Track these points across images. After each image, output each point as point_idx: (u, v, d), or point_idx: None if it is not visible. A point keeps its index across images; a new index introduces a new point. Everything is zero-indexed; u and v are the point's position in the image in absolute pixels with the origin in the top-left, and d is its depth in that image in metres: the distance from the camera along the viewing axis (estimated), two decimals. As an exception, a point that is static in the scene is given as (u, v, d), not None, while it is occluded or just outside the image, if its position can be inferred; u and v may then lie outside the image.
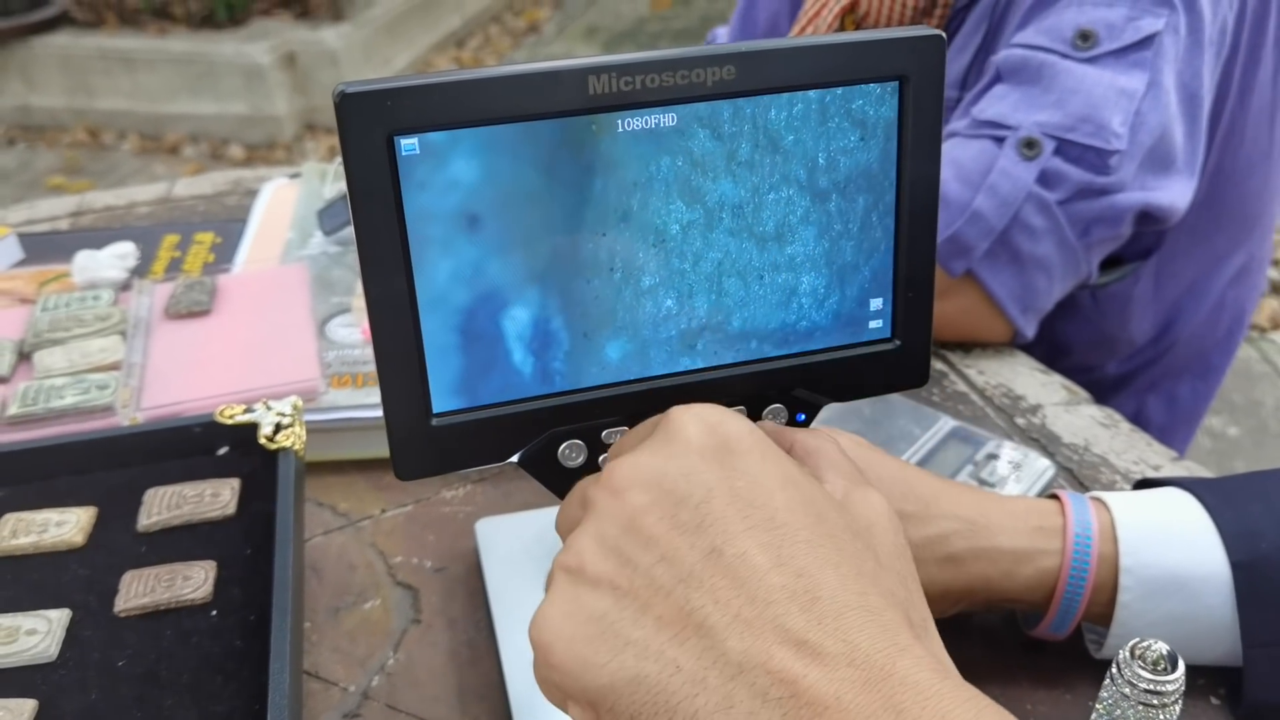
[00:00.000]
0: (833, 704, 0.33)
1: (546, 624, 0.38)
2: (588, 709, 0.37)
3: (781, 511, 0.37)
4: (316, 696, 0.62)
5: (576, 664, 0.36)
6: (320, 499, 0.78)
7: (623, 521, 0.38)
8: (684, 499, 0.37)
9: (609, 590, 0.37)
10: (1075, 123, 0.86)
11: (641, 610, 0.36)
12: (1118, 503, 0.60)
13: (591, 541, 0.38)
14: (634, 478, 0.39)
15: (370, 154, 0.40)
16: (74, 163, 4.07)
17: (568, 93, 0.41)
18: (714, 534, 0.36)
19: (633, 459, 0.39)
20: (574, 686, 0.37)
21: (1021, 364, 0.92)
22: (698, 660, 0.35)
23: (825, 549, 0.37)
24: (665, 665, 0.35)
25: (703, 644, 0.35)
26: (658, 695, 0.35)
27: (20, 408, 0.76)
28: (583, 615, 0.37)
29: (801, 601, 0.35)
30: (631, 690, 0.35)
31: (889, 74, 0.44)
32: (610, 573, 0.37)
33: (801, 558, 0.36)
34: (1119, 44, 0.86)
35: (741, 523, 0.37)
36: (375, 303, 0.42)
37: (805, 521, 0.37)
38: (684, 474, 0.38)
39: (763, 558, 0.36)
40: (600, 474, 0.41)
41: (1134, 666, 0.50)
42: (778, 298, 0.46)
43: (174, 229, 1.12)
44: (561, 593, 0.38)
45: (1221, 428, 2.47)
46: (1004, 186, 0.86)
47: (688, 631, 0.35)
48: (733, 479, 0.38)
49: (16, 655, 0.56)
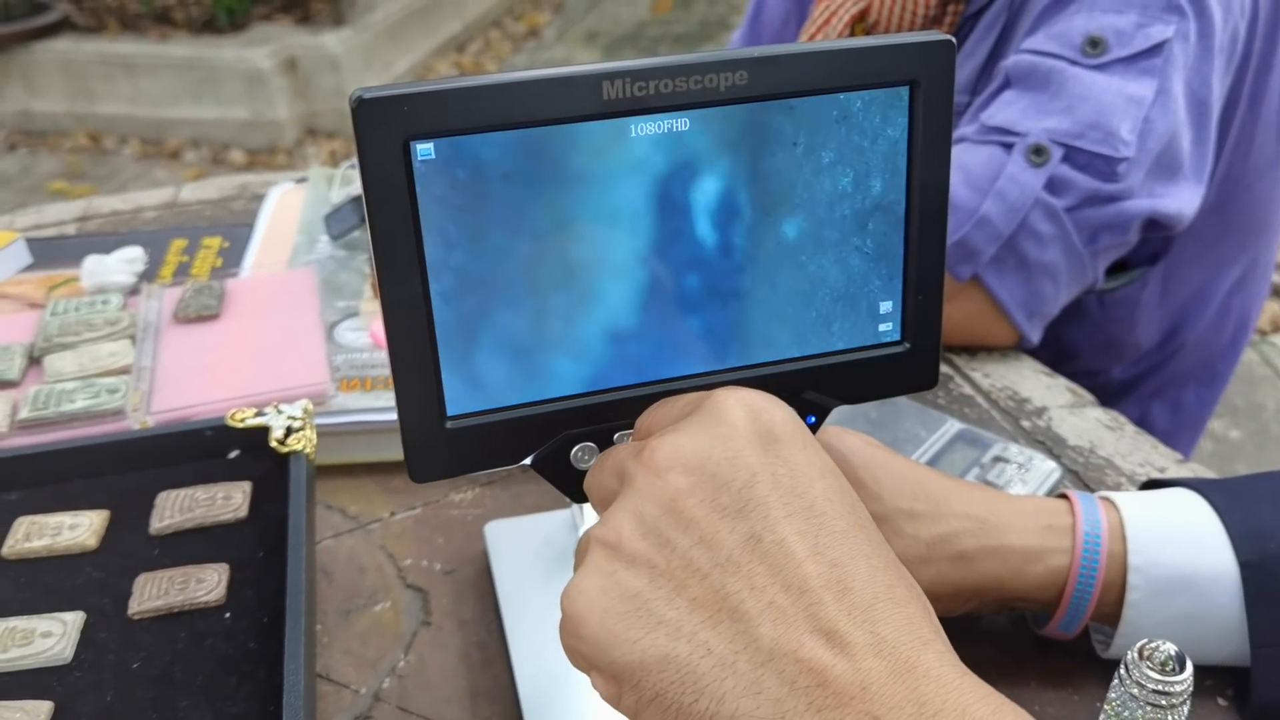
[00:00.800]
0: (858, 694, 0.33)
1: (580, 596, 0.38)
2: (611, 682, 0.38)
3: (820, 501, 0.38)
4: (328, 699, 0.63)
5: (608, 638, 0.37)
6: (330, 502, 0.78)
7: (663, 502, 0.38)
8: (726, 483, 0.38)
9: (645, 569, 0.37)
10: (1084, 129, 0.86)
11: (676, 591, 0.37)
12: (1126, 502, 0.61)
13: (630, 518, 0.39)
14: (676, 458, 0.39)
15: (386, 159, 0.40)
16: (75, 168, 4.07)
17: (582, 98, 0.41)
18: (754, 520, 0.37)
19: (675, 439, 0.39)
20: (602, 659, 0.37)
21: (1027, 367, 0.92)
22: (729, 644, 0.35)
23: (858, 539, 0.37)
24: (696, 647, 0.36)
25: (735, 629, 0.35)
26: (686, 675, 0.35)
27: (31, 412, 0.76)
28: (617, 591, 0.37)
29: (835, 591, 0.35)
30: (660, 669, 0.36)
31: (900, 79, 0.45)
32: (647, 552, 0.38)
33: (836, 548, 0.37)
34: (1128, 51, 0.86)
35: (782, 509, 0.37)
36: (390, 306, 0.42)
37: (840, 511, 0.38)
38: (727, 458, 0.38)
39: (800, 546, 0.36)
40: (640, 448, 0.41)
41: (1142, 667, 0.50)
42: (789, 300, 0.47)
43: (181, 233, 1.12)
44: (597, 566, 0.38)
45: (1223, 431, 2.47)
46: (1012, 192, 0.86)
47: (721, 615, 0.36)
48: (774, 466, 0.38)
49: (32, 657, 0.56)
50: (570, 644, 0.39)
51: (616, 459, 0.43)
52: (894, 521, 0.59)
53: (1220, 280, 1.07)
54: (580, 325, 0.45)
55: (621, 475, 0.41)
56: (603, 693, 0.38)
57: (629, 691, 0.37)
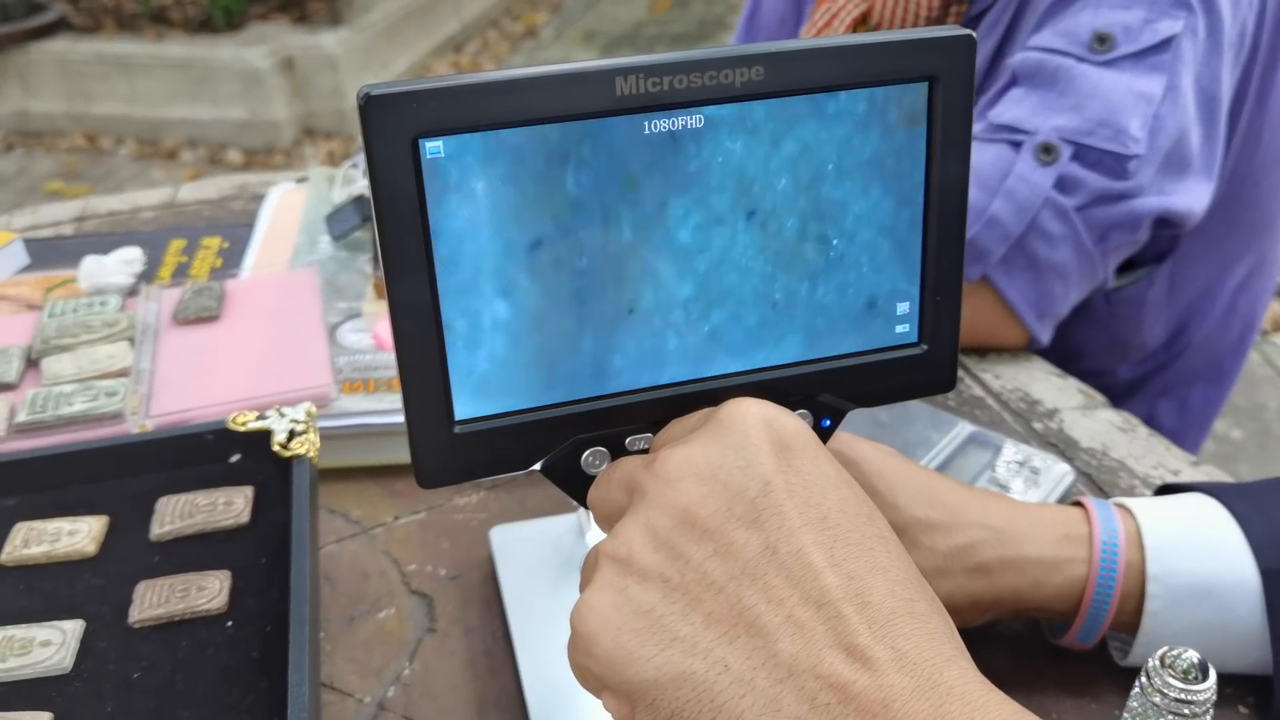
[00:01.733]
0: (880, 712, 0.32)
1: (591, 613, 0.37)
2: (624, 702, 0.36)
3: (834, 512, 0.37)
4: (332, 708, 0.62)
5: (620, 656, 0.36)
6: (332, 506, 0.77)
7: (675, 513, 0.37)
8: (740, 492, 0.37)
9: (658, 583, 0.36)
10: (1093, 127, 0.85)
11: (691, 606, 0.35)
12: (1143, 509, 0.60)
13: (641, 531, 0.37)
14: (688, 468, 0.38)
15: (394, 157, 0.39)
16: (72, 168, 4.06)
17: (594, 94, 0.40)
18: (770, 530, 0.36)
19: (686, 450, 0.38)
20: (615, 679, 0.36)
21: (1038, 368, 0.91)
22: (747, 660, 0.34)
23: (875, 551, 0.36)
24: (713, 664, 0.34)
25: (753, 644, 0.34)
26: (703, 694, 0.34)
27: (29, 415, 0.75)
28: (629, 608, 0.36)
29: (854, 604, 0.34)
30: (676, 687, 0.35)
31: (919, 74, 0.44)
32: (660, 565, 0.36)
33: (853, 560, 0.35)
34: (1136, 47, 0.85)
35: (798, 519, 0.36)
36: (398, 306, 0.41)
37: (856, 523, 0.37)
38: (740, 467, 0.37)
39: (818, 556, 0.35)
40: (650, 460, 0.40)
41: (1164, 675, 0.49)
42: (804, 302, 0.46)
43: (180, 234, 1.11)
44: (608, 583, 0.37)
45: (1225, 431, 2.46)
46: (1021, 192, 0.85)
47: (738, 630, 0.35)
48: (788, 475, 0.37)
49: (31, 667, 0.55)
50: (581, 663, 0.38)
51: (624, 471, 0.42)
52: (911, 532, 0.58)
53: (1227, 278, 1.06)
54: (592, 327, 0.43)
55: (630, 488, 0.40)
56: (615, 713, 0.37)
57: (643, 711, 0.36)
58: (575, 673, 0.39)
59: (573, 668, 0.38)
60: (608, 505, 0.42)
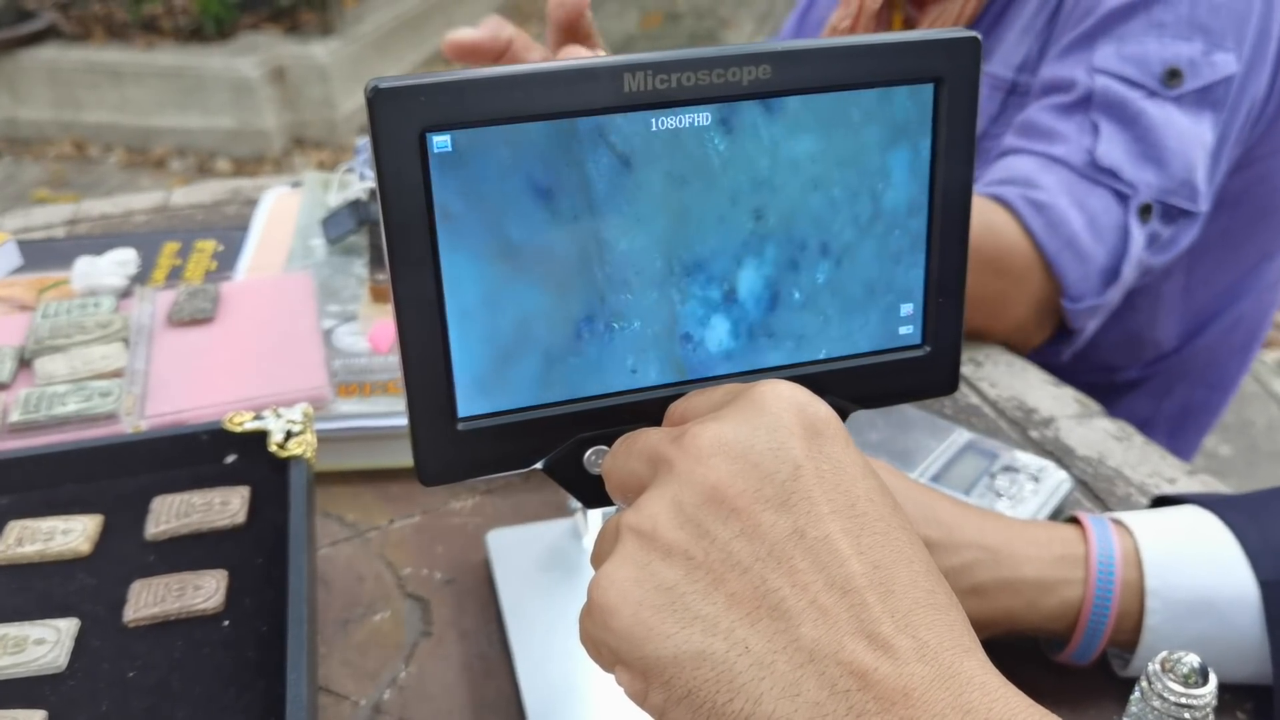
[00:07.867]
0: (900, 700, 0.32)
1: (612, 586, 0.36)
2: (639, 678, 0.36)
3: (862, 500, 0.36)
4: (327, 710, 0.61)
5: (640, 632, 0.35)
6: (327, 509, 0.77)
7: (704, 490, 0.36)
8: (771, 474, 0.36)
9: (682, 560, 0.36)
10: (1176, 186, 0.90)
11: (714, 585, 0.35)
12: (1140, 524, 0.60)
13: (667, 506, 0.37)
14: (719, 445, 0.37)
15: (402, 150, 0.39)
16: (60, 176, 4.05)
17: (602, 90, 0.40)
18: (798, 513, 0.36)
19: (717, 426, 0.38)
20: (632, 654, 0.36)
21: (1033, 376, 0.91)
22: (768, 643, 0.34)
23: (899, 542, 0.36)
24: (734, 645, 0.34)
25: (775, 627, 0.34)
26: (721, 674, 0.34)
27: (22, 415, 0.75)
28: (652, 583, 0.36)
29: (878, 593, 0.34)
30: (695, 665, 0.34)
31: (924, 75, 0.44)
32: (685, 542, 0.36)
33: (879, 549, 0.35)
34: (1200, 83, 0.90)
35: (826, 505, 0.36)
36: (403, 301, 0.41)
37: (882, 513, 0.37)
38: (771, 449, 0.37)
39: (845, 543, 0.35)
40: (679, 434, 0.39)
41: (1165, 680, 0.49)
42: (808, 302, 0.46)
43: (174, 236, 1.11)
44: (630, 556, 0.37)
45: (1213, 446, 2.47)
46: (1134, 254, 0.91)
47: (761, 612, 0.34)
48: (819, 461, 0.37)
49: (25, 665, 0.55)
50: (597, 635, 0.37)
51: (648, 442, 0.41)
52: None
53: (1241, 281, 1.09)
54: (597, 324, 0.43)
55: (656, 460, 0.39)
56: (627, 689, 0.37)
57: (658, 689, 0.35)
58: (587, 645, 0.38)
59: (585, 640, 0.38)
60: (626, 476, 0.41)
